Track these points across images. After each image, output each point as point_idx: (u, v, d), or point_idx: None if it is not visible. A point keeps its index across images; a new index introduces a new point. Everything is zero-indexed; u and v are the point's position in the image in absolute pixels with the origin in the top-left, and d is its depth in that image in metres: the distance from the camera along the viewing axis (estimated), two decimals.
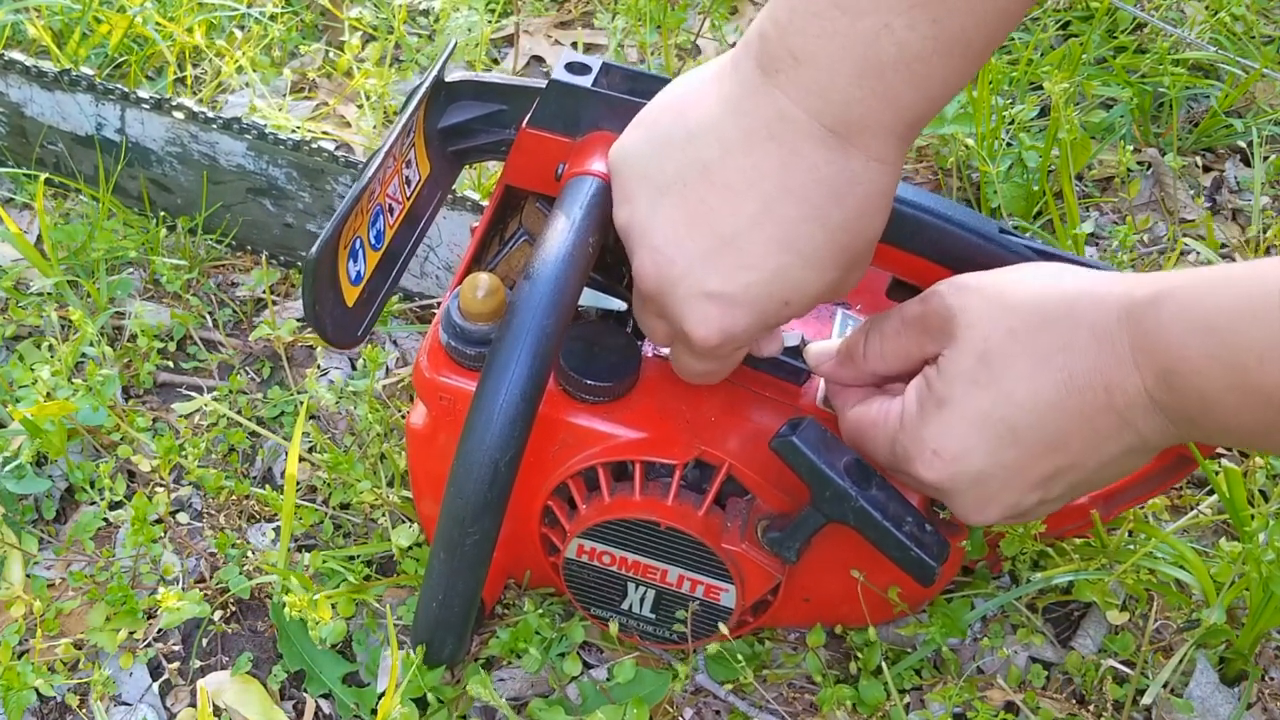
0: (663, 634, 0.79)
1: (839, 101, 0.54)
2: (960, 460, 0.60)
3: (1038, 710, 0.79)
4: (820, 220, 0.57)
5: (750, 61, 0.56)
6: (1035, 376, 0.57)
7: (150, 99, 1.01)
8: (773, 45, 0.54)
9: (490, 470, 0.61)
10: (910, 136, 0.56)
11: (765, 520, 0.71)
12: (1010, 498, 0.60)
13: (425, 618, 0.71)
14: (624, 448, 0.71)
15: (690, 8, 1.40)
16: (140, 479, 0.95)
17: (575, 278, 0.62)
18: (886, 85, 0.53)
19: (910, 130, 0.56)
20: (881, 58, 0.52)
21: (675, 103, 0.60)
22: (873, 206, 0.58)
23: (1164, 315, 0.53)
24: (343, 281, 0.68)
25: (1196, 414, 0.53)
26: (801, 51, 0.53)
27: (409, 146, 0.73)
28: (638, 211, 0.60)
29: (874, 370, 0.66)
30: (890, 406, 0.64)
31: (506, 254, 0.76)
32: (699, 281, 0.59)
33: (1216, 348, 0.51)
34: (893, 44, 0.52)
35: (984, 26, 0.52)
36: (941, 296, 0.61)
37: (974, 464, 0.60)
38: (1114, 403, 0.55)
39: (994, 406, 0.58)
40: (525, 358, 0.60)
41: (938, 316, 0.61)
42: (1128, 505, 0.79)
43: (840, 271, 0.59)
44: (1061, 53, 1.28)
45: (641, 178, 0.60)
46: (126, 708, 0.82)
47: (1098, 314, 0.56)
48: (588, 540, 0.73)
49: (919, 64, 0.52)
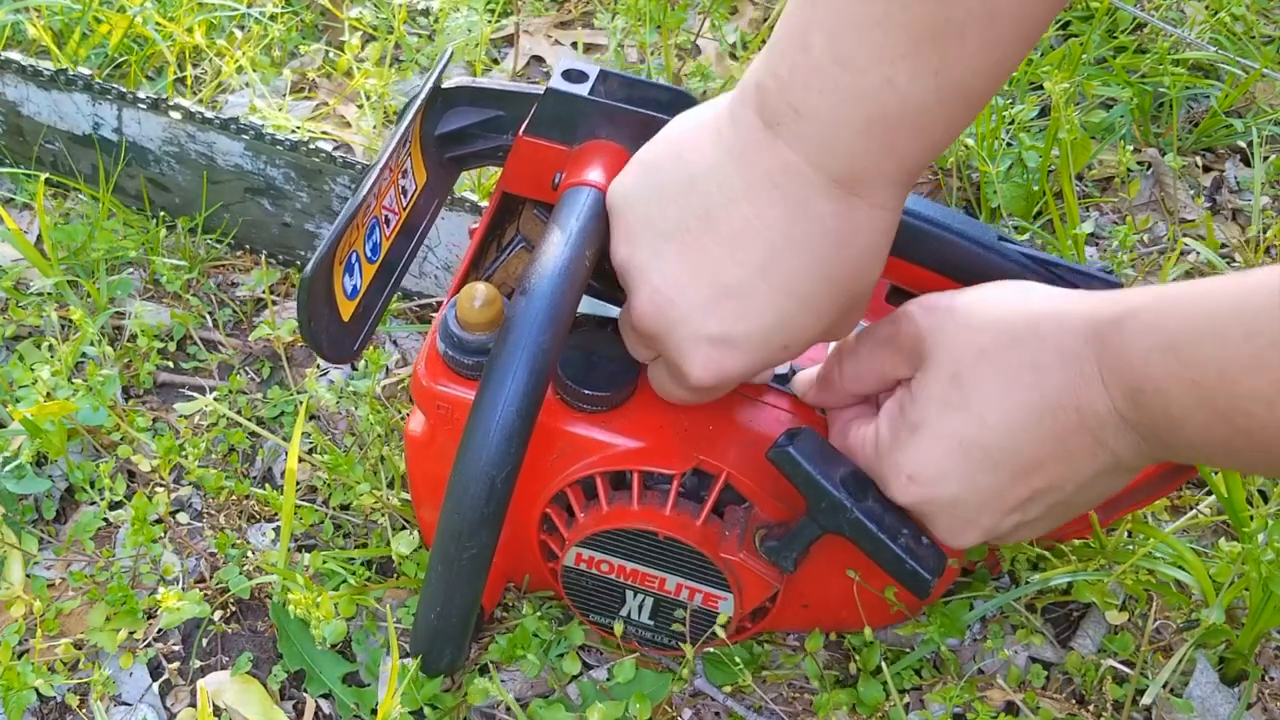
0: (661, 640, 0.79)
1: (844, 154, 0.54)
2: (935, 485, 0.60)
3: (1037, 710, 0.79)
4: (824, 269, 0.57)
5: (749, 111, 0.56)
6: (1007, 397, 0.57)
7: (147, 98, 1.01)
8: (773, 98, 0.54)
9: (486, 486, 0.61)
10: (911, 182, 0.57)
11: (763, 529, 0.71)
12: (988, 521, 0.60)
13: (423, 628, 0.71)
14: (622, 457, 0.70)
15: (690, 8, 1.40)
16: (140, 479, 0.95)
17: (571, 292, 0.62)
18: (890, 137, 0.53)
19: (911, 176, 0.56)
20: (885, 111, 0.52)
21: (674, 147, 0.60)
22: (874, 251, 0.58)
23: (1128, 335, 0.53)
24: (338, 296, 0.68)
25: (1165, 432, 0.53)
26: (803, 106, 0.53)
27: (405, 156, 0.73)
28: (638, 253, 0.60)
29: (851, 392, 0.67)
30: (866, 432, 0.64)
31: (504, 261, 0.76)
32: (700, 326, 0.59)
33: (1179, 366, 0.51)
34: (895, 97, 0.51)
35: (984, 75, 0.52)
36: (911, 318, 0.61)
37: (949, 489, 0.60)
38: (1086, 423, 0.55)
39: (967, 429, 0.58)
40: (521, 374, 0.60)
41: (909, 338, 0.61)
42: (1126, 510, 0.79)
43: (840, 314, 0.60)
44: (1061, 53, 1.28)
45: (643, 221, 0.60)
46: (126, 708, 0.82)
47: (1063, 334, 0.56)
48: (586, 549, 0.73)
49: (922, 115, 0.52)
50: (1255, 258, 1.11)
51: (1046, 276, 0.68)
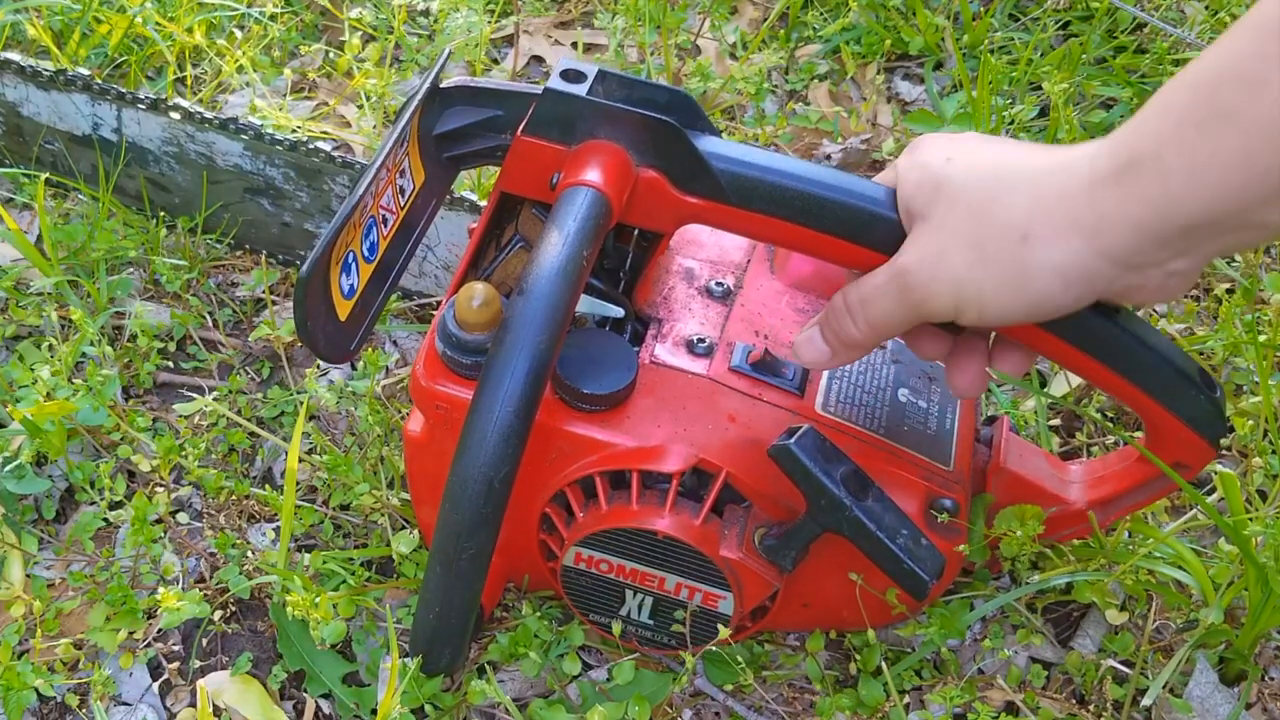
0: (661, 640, 0.79)
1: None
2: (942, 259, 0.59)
3: (1038, 710, 0.79)
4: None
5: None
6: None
7: (146, 99, 1.01)
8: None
9: (485, 487, 0.61)
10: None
11: (763, 528, 0.71)
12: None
13: (423, 628, 0.71)
14: (621, 457, 0.70)
15: (690, 8, 1.40)
16: (140, 479, 0.95)
17: (569, 291, 0.62)
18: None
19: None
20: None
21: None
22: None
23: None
24: (335, 296, 0.68)
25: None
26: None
27: (403, 155, 0.73)
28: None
29: (880, 338, 0.66)
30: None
31: (502, 260, 0.76)
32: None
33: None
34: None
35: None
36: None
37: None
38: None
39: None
40: (519, 373, 0.60)
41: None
42: (1124, 511, 0.79)
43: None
44: (1061, 53, 1.28)
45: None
46: (126, 708, 0.82)
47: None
48: (585, 549, 0.73)
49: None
50: (1255, 258, 1.11)
51: None
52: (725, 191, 0.66)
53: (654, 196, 0.68)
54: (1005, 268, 0.57)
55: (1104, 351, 0.66)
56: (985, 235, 0.57)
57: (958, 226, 0.59)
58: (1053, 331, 0.65)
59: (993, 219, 0.57)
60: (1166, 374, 0.68)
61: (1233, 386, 0.99)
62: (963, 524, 0.73)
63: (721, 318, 0.76)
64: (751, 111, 1.28)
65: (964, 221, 0.58)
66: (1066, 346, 0.66)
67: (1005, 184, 0.57)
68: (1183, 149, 0.51)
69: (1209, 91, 0.51)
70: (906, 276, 0.61)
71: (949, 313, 0.60)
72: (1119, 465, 0.79)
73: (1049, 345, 0.66)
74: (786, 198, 0.65)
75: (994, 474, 0.77)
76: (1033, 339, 0.66)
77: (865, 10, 1.38)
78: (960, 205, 0.59)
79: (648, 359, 0.73)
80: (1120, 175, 0.54)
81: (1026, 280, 0.57)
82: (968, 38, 1.35)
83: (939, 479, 0.73)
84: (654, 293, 0.77)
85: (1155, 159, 0.52)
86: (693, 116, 0.69)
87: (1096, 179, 0.55)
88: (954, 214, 0.59)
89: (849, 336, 0.66)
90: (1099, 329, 0.65)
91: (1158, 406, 0.69)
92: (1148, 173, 0.53)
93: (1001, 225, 0.57)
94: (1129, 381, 0.68)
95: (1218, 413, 0.70)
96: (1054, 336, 0.65)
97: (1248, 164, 0.50)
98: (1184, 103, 0.52)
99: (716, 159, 0.66)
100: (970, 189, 0.58)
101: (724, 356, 0.74)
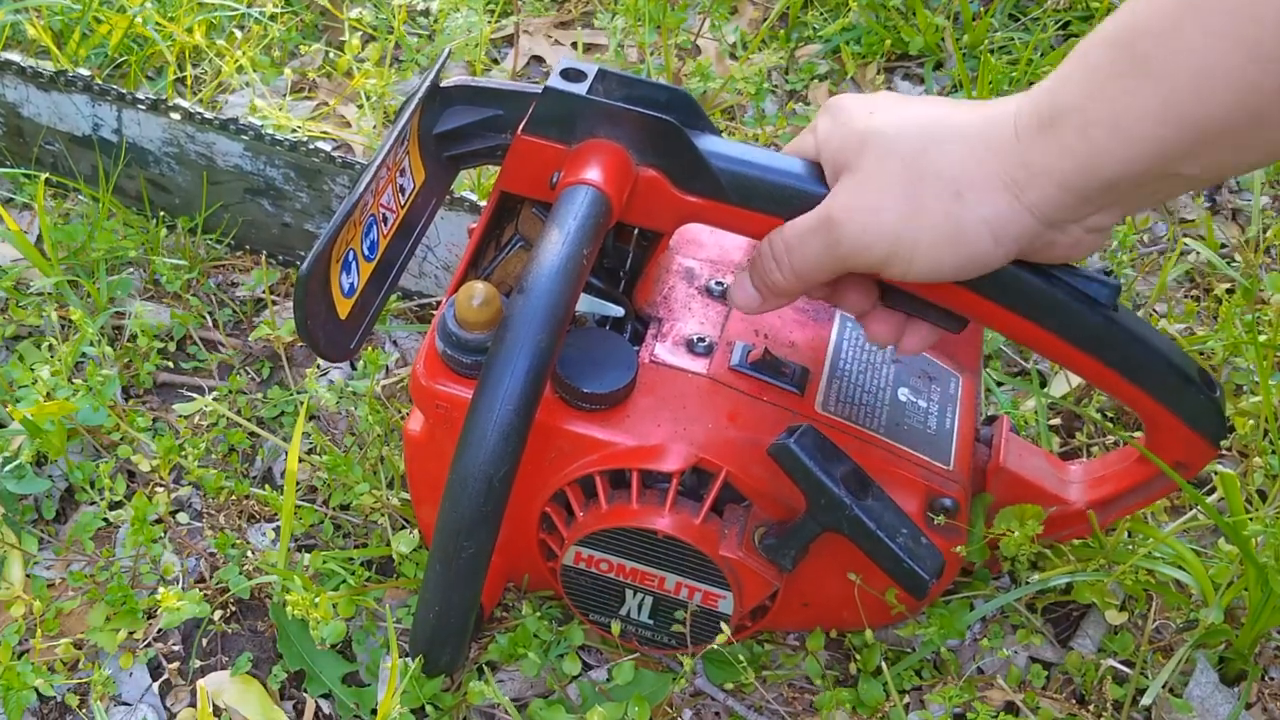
0: (661, 639, 0.79)
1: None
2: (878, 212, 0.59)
3: (1037, 710, 0.79)
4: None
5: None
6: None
7: (146, 99, 1.01)
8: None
9: (484, 486, 0.61)
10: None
11: (763, 527, 0.71)
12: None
13: (423, 628, 0.71)
14: (621, 456, 0.70)
15: (690, 8, 1.40)
16: (140, 479, 0.95)
17: (569, 290, 0.62)
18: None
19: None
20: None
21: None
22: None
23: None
24: (335, 294, 0.68)
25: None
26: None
27: (403, 154, 0.73)
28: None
29: (808, 285, 0.66)
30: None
31: (502, 260, 0.76)
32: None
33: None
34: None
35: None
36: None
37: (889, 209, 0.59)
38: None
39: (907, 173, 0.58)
40: (519, 372, 0.60)
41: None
42: (1124, 512, 0.79)
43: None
44: (1061, 53, 1.28)
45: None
46: (126, 708, 0.82)
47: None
48: (585, 548, 0.73)
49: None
50: (1255, 258, 1.11)
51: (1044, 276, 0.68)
52: (725, 190, 0.66)
53: (654, 195, 0.68)
54: (939, 222, 0.57)
55: (1102, 349, 0.66)
56: (919, 189, 0.57)
57: (889, 179, 0.58)
58: (1051, 329, 0.65)
59: (926, 172, 0.57)
60: (1166, 372, 0.68)
61: (1233, 386, 0.99)
62: (963, 525, 0.73)
63: (721, 317, 0.76)
64: (751, 111, 1.28)
65: (896, 175, 0.58)
66: (1062, 343, 0.66)
67: (935, 137, 0.57)
68: (1104, 101, 0.51)
69: (1128, 42, 0.51)
70: (836, 228, 0.60)
71: (876, 265, 0.60)
72: (1119, 465, 0.79)
73: (1049, 345, 0.66)
74: (786, 196, 0.65)
75: (993, 474, 0.77)
76: (1014, 329, 0.66)
77: (865, 10, 1.38)
78: (891, 158, 0.58)
79: (648, 358, 0.73)
80: (1045, 128, 0.54)
81: (960, 234, 0.57)
82: (968, 38, 1.35)
83: (939, 478, 0.73)
84: (654, 292, 0.77)
85: (1079, 111, 0.52)
86: (693, 115, 0.69)
87: (1022, 131, 0.55)
88: (885, 166, 0.58)
89: (775, 283, 0.66)
90: (1094, 323, 0.65)
91: (1157, 405, 0.69)
92: (1071, 125, 0.53)
93: (935, 178, 0.57)
94: (1128, 380, 0.68)
95: (1218, 411, 0.70)
96: (1054, 335, 0.65)
97: (1166, 115, 0.50)
98: (1104, 56, 0.52)
99: (716, 158, 0.66)
100: (900, 142, 0.58)
101: (724, 355, 0.74)
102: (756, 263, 0.67)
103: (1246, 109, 0.48)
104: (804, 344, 0.77)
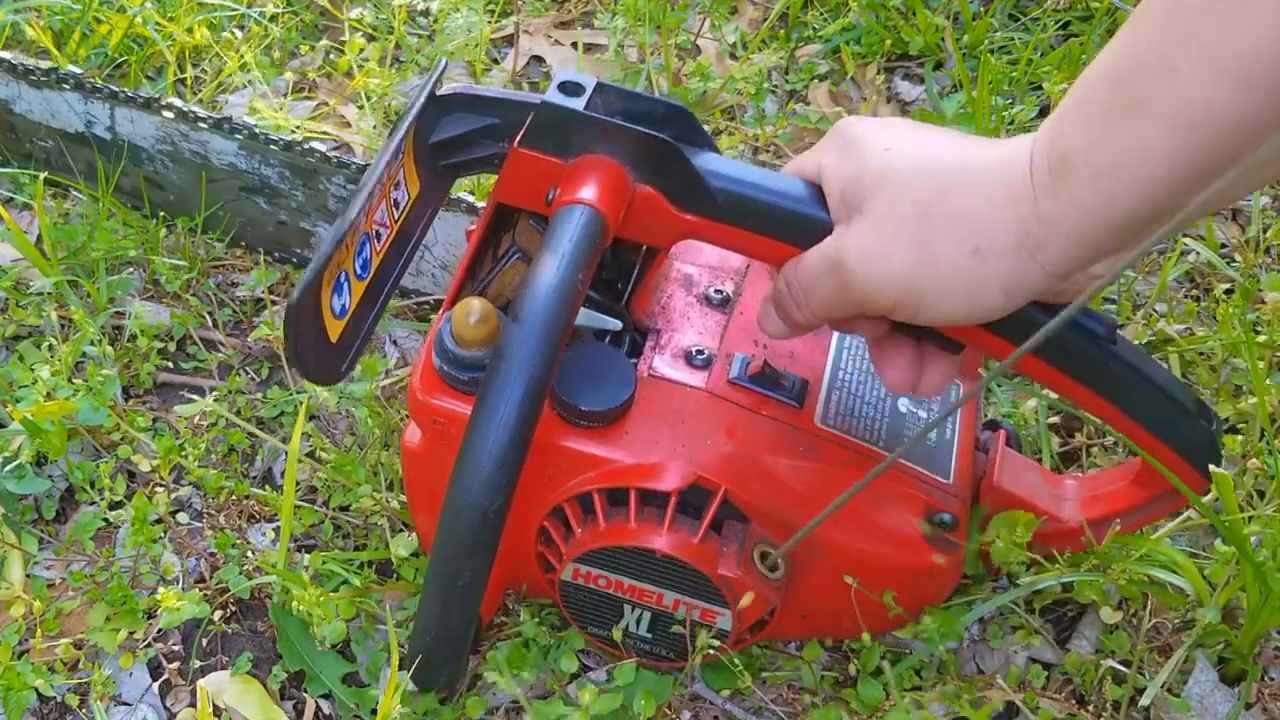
0: (660, 652, 0.79)
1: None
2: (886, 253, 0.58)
3: (1037, 710, 0.79)
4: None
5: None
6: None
7: (138, 97, 1.01)
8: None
9: (479, 516, 0.61)
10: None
11: (762, 545, 0.71)
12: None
13: (421, 646, 0.71)
14: (619, 474, 0.70)
15: (690, 8, 1.40)
16: (140, 479, 0.95)
17: (565, 316, 0.61)
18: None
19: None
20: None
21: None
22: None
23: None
24: (326, 318, 0.67)
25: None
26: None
27: (398, 167, 0.72)
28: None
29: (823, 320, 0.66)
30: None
31: (499, 271, 0.75)
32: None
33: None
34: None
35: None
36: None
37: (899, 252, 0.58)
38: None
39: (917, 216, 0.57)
40: (514, 402, 0.60)
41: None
42: (1120, 532, 0.79)
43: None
44: (1061, 53, 1.28)
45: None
46: (126, 708, 0.82)
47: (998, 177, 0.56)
48: (583, 564, 0.73)
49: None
50: (1255, 258, 1.11)
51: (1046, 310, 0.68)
52: (722, 210, 0.65)
53: (651, 213, 0.67)
54: (952, 276, 0.56)
55: (1101, 382, 0.67)
56: (932, 236, 0.56)
57: (902, 223, 0.57)
58: (1050, 362, 0.66)
59: (942, 220, 0.56)
60: (1163, 405, 0.68)
61: (1232, 386, 0.99)
62: (961, 540, 0.73)
63: (720, 327, 0.76)
64: (751, 111, 1.28)
65: (909, 219, 0.57)
66: (1062, 377, 0.66)
67: (951, 180, 0.56)
68: (1107, 144, 0.50)
69: (1126, 81, 0.49)
70: (846, 273, 0.60)
71: (886, 310, 0.60)
72: (1114, 485, 0.78)
73: (1050, 378, 0.67)
74: (783, 219, 0.64)
75: (988, 492, 0.77)
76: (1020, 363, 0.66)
77: (865, 10, 1.38)
78: (904, 200, 0.57)
79: (646, 371, 0.73)
80: (1055, 175, 0.53)
81: (974, 291, 0.57)
82: (968, 38, 1.35)
83: (938, 492, 0.73)
84: (652, 301, 0.77)
85: (1083, 155, 0.51)
86: (691, 131, 0.68)
87: (1037, 179, 0.54)
88: (897, 208, 0.57)
89: (796, 320, 0.66)
90: (1095, 360, 0.65)
91: (1154, 439, 0.69)
92: (1079, 172, 0.52)
93: (951, 228, 0.56)
94: (1124, 414, 0.68)
95: (1213, 445, 0.70)
96: (1052, 368, 0.66)
97: (1171, 154, 0.49)
98: (1103, 96, 0.51)
99: (714, 177, 0.65)
100: (915, 182, 0.57)
101: (723, 368, 0.73)
102: (780, 300, 0.66)
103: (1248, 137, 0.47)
104: (803, 354, 0.76)
